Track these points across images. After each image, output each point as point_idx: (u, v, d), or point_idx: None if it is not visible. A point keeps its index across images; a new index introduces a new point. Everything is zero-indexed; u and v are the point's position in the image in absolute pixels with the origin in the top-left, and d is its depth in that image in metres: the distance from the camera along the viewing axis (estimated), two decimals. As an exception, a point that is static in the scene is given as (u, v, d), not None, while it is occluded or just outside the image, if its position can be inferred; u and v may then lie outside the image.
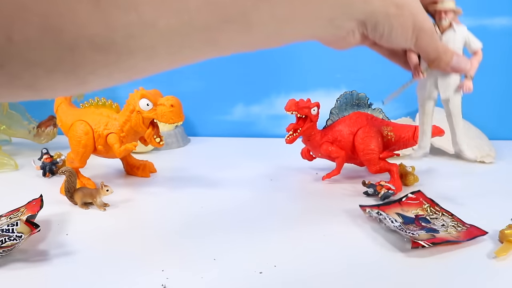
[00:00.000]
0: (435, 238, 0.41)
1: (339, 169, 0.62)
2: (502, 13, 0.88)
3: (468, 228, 0.45)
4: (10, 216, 0.46)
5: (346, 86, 0.92)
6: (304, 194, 0.59)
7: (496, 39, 0.89)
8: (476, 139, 0.79)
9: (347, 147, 0.61)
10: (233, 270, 0.37)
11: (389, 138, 0.61)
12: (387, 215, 0.46)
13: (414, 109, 0.90)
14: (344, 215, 0.50)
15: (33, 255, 0.40)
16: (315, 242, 0.43)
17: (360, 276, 0.37)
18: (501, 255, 0.39)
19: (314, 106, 0.58)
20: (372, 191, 0.55)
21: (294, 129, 0.59)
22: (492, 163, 0.75)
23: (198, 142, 0.89)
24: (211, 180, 0.63)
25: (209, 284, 0.35)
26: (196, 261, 0.39)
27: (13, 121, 0.79)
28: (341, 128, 0.61)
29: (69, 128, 0.60)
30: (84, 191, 0.52)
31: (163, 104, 0.53)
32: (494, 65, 0.91)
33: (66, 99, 0.66)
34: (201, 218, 0.50)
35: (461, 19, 0.47)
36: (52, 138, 0.80)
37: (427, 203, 0.52)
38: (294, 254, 0.40)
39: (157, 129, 0.57)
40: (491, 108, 0.93)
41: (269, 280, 0.36)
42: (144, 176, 0.65)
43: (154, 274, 0.36)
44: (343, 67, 0.92)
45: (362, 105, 0.63)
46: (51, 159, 0.65)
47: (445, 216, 0.49)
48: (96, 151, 0.60)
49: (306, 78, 0.92)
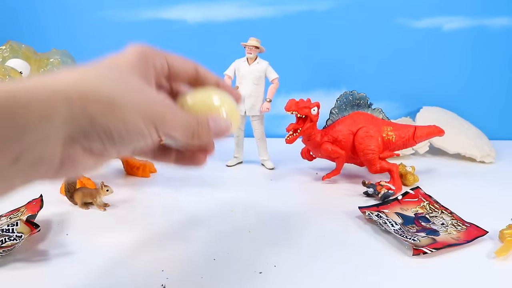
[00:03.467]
0: (436, 242, 0.41)
1: (339, 169, 0.62)
2: (502, 13, 0.88)
3: (468, 227, 0.45)
4: (10, 216, 0.46)
5: (346, 86, 0.92)
6: (304, 194, 0.59)
7: (496, 39, 0.89)
8: (476, 139, 0.79)
9: (347, 147, 0.61)
10: (233, 270, 0.37)
11: (389, 138, 0.61)
12: (387, 218, 0.46)
13: (414, 109, 0.90)
14: (344, 215, 0.50)
15: (33, 255, 0.40)
16: (315, 242, 0.43)
17: (360, 276, 0.37)
18: (501, 255, 0.39)
19: (314, 106, 0.58)
20: (372, 191, 0.55)
21: (294, 129, 0.59)
22: (492, 163, 0.75)
23: (198, 142, 0.89)
24: (211, 180, 0.63)
25: (209, 284, 0.35)
26: (196, 261, 0.39)
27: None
28: (341, 128, 0.61)
29: (69, 128, 0.60)
30: (84, 191, 0.52)
31: (163, 104, 0.53)
32: (494, 65, 0.91)
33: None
34: (201, 218, 0.50)
35: (461, 19, 0.47)
36: (52, 138, 0.80)
37: (426, 201, 0.52)
38: (294, 254, 0.40)
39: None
40: (491, 108, 0.93)
41: (269, 280, 0.35)
42: (144, 176, 0.65)
43: (154, 274, 0.36)
44: (343, 67, 0.92)
45: (362, 105, 0.63)
46: (51, 159, 0.64)
47: (444, 213, 0.49)
48: (96, 151, 0.59)
49: (306, 78, 0.92)
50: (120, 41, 1.02)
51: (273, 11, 0.89)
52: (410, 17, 0.89)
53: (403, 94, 0.93)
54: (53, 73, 0.26)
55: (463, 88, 0.92)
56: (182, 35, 0.91)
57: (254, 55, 0.66)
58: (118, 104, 0.26)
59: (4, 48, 0.74)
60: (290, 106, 0.57)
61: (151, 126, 0.28)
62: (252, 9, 0.89)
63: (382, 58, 0.91)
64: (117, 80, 0.27)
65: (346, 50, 0.91)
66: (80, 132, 0.25)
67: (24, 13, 0.90)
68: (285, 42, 0.90)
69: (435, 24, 0.89)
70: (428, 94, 0.92)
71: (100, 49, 0.99)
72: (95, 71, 0.27)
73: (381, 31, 0.89)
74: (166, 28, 0.91)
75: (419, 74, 0.92)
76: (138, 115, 0.27)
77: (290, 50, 0.91)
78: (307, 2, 0.89)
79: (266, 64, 0.67)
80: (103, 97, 0.26)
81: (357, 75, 0.91)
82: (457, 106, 0.89)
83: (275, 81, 0.67)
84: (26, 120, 0.23)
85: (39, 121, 0.24)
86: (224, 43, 0.89)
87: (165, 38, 0.91)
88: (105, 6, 0.90)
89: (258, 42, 0.66)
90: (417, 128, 0.63)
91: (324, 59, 0.91)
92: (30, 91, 0.24)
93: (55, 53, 0.79)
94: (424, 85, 0.92)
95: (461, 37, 0.89)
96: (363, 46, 0.90)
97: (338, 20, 0.89)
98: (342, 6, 0.89)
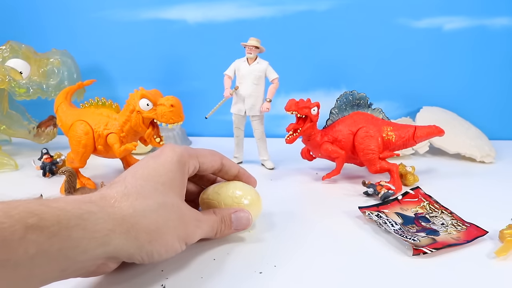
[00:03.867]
0: (436, 242, 0.41)
1: (339, 169, 0.62)
2: (502, 13, 0.88)
3: (468, 227, 0.45)
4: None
5: (346, 86, 0.92)
6: (304, 194, 0.59)
7: (496, 39, 0.89)
8: (476, 139, 0.79)
9: (347, 147, 0.61)
10: (233, 270, 0.37)
11: (389, 138, 0.61)
12: (387, 218, 0.46)
13: (415, 109, 0.90)
14: (344, 215, 0.50)
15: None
16: (315, 242, 0.43)
17: (360, 276, 0.37)
18: (501, 255, 0.39)
19: (314, 106, 0.58)
20: (372, 191, 0.55)
21: (294, 129, 0.59)
22: (492, 163, 0.75)
23: (198, 142, 0.89)
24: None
25: (209, 284, 0.35)
26: (196, 261, 0.39)
27: (13, 121, 0.78)
28: (341, 128, 0.61)
29: (69, 128, 0.60)
30: (84, 191, 0.52)
31: (163, 104, 0.53)
32: (495, 65, 0.91)
33: (66, 99, 0.66)
34: (201, 218, 0.49)
35: (462, 19, 0.48)
36: (52, 138, 0.80)
37: (426, 201, 0.52)
38: (294, 254, 0.40)
39: (157, 129, 0.57)
40: (491, 108, 0.93)
41: (269, 280, 0.35)
42: (144, 176, 0.65)
43: (154, 274, 0.36)
44: (343, 67, 0.92)
45: (362, 105, 0.63)
46: (51, 159, 0.65)
47: (444, 213, 0.49)
48: (96, 151, 0.59)
49: (306, 78, 0.92)
50: (120, 41, 1.03)
51: (273, 11, 0.89)
52: (410, 17, 0.89)
53: (403, 94, 0.93)
54: (108, 197, 0.31)
55: (463, 88, 0.92)
56: (182, 35, 0.91)
57: (254, 55, 0.66)
58: (162, 234, 0.32)
59: (4, 48, 0.74)
60: (290, 106, 0.58)
61: (184, 243, 0.35)
62: (252, 9, 0.89)
63: (382, 58, 0.91)
64: (162, 210, 0.33)
65: (346, 50, 0.91)
66: (126, 256, 0.31)
67: (24, 13, 0.90)
68: (285, 42, 0.90)
69: (436, 24, 0.89)
70: (428, 94, 0.92)
71: (100, 49, 0.99)
72: (145, 198, 0.32)
73: (381, 31, 0.89)
74: (166, 28, 0.91)
75: (419, 74, 0.92)
76: (176, 238, 0.33)
77: (290, 50, 0.91)
78: (307, 2, 0.89)
79: (266, 64, 0.67)
80: (151, 229, 0.31)
81: (357, 75, 0.91)
82: (457, 106, 0.89)
83: (275, 81, 0.67)
84: (87, 245, 0.27)
85: (98, 246, 0.28)
86: (224, 43, 0.89)
87: (165, 38, 0.91)
88: (105, 6, 0.90)
89: (258, 42, 0.66)
90: (417, 128, 0.63)
91: (324, 59, 0.91)
92: (96, 216, 0.28)
93: (55, 53, 0.79)
94: (424, 85, 0.92)
95: (462, 37, 0.89)
96: (363, 46, 0.90)
97: (338, 20, 0.89)
98: (342, 6, 0.89)
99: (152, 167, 0.35)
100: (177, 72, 0.93)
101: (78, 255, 0.27)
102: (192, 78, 0.93)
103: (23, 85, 0.73)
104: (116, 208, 0.30)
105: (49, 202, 0.27)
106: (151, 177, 0.34)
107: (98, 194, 0.31)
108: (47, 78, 0.76)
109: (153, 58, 0.92)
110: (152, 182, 0.33)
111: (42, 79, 0.75)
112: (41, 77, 0.76)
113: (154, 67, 0.93)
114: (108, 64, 0.93)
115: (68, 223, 0.26)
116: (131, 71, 0.93)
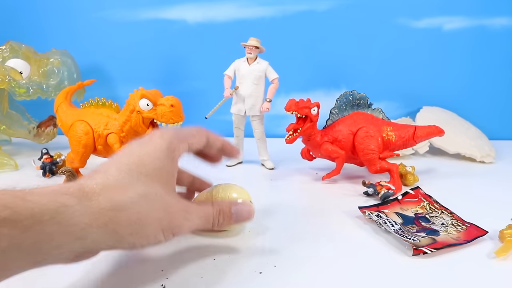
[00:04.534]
0: (436, 242, 0.41)
1: (339, 169, 0.62)
2: (502, 13, 0.88)
3: (468, 227, 0.45)
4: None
5: (346, 86, 0.92)
6: (304, 194, 0.59)
7: (496, 39, 0.89)
8: (476, 139, 0.79)
9: (347, 147, 0.61)
10: (233, 270, 0.37)
11: (389, 138, 0.61)
12: (387, 218, 0.46)
13: (414, 109, 0.90)
14: (344, 215, 0.50)
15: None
16: (315, 242, 0.43)
17: (360, 276, 0.37)
18: (501, 255, 0.39)
19: (314, 106, 0.58)
20: (372, 191, 0.55)
21: (294, 129, 0.59)
22: (492, 163, 0.75)
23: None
24: (211, 180, 0.63)
25: (209, 284, 0.35)
26: (196, 261, 0.38)
27: (13, 121, 0.79)
28: (341, 128, 0.61)
29: (69, 128, 0.60)
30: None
31: (163, 104, 0.53)
32: (495, 65, 0.91)
33: (66, 99, 0.66)
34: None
35: (462, 19, 0.48)
36: (52, 138, 0.80)
37: (426, 201, 0.52)
38: (294, 254, 0.40)
39: (157, 129, 0.57)
40: (491, 108, 0.93)
41: (269, 280, 0.35)
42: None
43: (154, 274, 0.36)
44: (343, 67, 0.92)
45: (362, 105, 0.63)
46: (51, 159, 0.65)
47: (444, 213, 0.49)
48: (96, 151, 0.60)
49: (306, 78, 0.92)
50: (120, 41, 1.03)
51: (273, 11, 0.89)
52: (410, 17, 0.89)
53: (403, 94, 0.93)
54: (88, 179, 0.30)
55: (463, 88, 0.92)
56: (182, 35, 0.91)
57: (254, 55, 0.66)
58: (144, 225, 0.31)
59: (4, 48, 0.74)
60: (290, 106, 0.58)
61: (170, 235, 0.33)
62: (252, 9, 0.89)
63: (382, 58, 0.91)
64: (144, 201, 0.31)
65: (346, 50, 0.91)
66: (105, 248, 0.30)
67: (24, 13, 0.90)
68: (285, 42, 0.90)
69: (435, 24, 0.89)
70: (428, 94, 0.92)
71: (100, 49, 0.99)
72: (126, 190, 0.31)
73: (381, 31, 0.89)
74: (166, 28, 0.91)
75: (419, 74, 0.92)
76: (160, 230, 0.32)
77: (290, 50, 0.91)
78: (307, 2, 0.89)
79: (266, 64, 0.67)
80: (132, 221, 0.30)
81: (357, 75, 0.91)
82: (457, 106, 0.89)
83: (275, 81, 0.67)
84: (62, 240, 0.27)
85: (75, 240, 0.27)
86: (224, 43, 0.89)
87: (165, 38, 0.91)
88: (106, 6, 0.90)
89: (258, 42, 0.66)
90: (417, 128, 0.63)
91: (324, 59, 0.91)
92: (73, 209, 0.27)
93: (55, 53, 0.79)
94: (424, 85, 0.92)
95: (461, 37, 0.89)
96: (363, 46, 0.90)
97: (338, 20, 0.89)
98: (342, 6, 0.89)
99: (136, 155, 0.33)
100: (177, 72, 0.93)
101: (53, 249, 0.26)
102: (192, 78, 0.93)
103: (23, 85, 0.73)
104: (94, 201, 0.29)
105: (24, 194, 0.26)
106: (134, 167, 0.32)
107: (77, 185, 0.29)
108: (47, 78, 0.76)
109: (153, 58, 0.92)
110: (135, 172, 0.32)
111: (42, 79, 0.75)
112: (41, 77, 0.76)
113: (154, 67, 0.93)
114: (108, 64, 0.93)
115: (42, 217, 0.25)
116: (131, 71, 0.93)
